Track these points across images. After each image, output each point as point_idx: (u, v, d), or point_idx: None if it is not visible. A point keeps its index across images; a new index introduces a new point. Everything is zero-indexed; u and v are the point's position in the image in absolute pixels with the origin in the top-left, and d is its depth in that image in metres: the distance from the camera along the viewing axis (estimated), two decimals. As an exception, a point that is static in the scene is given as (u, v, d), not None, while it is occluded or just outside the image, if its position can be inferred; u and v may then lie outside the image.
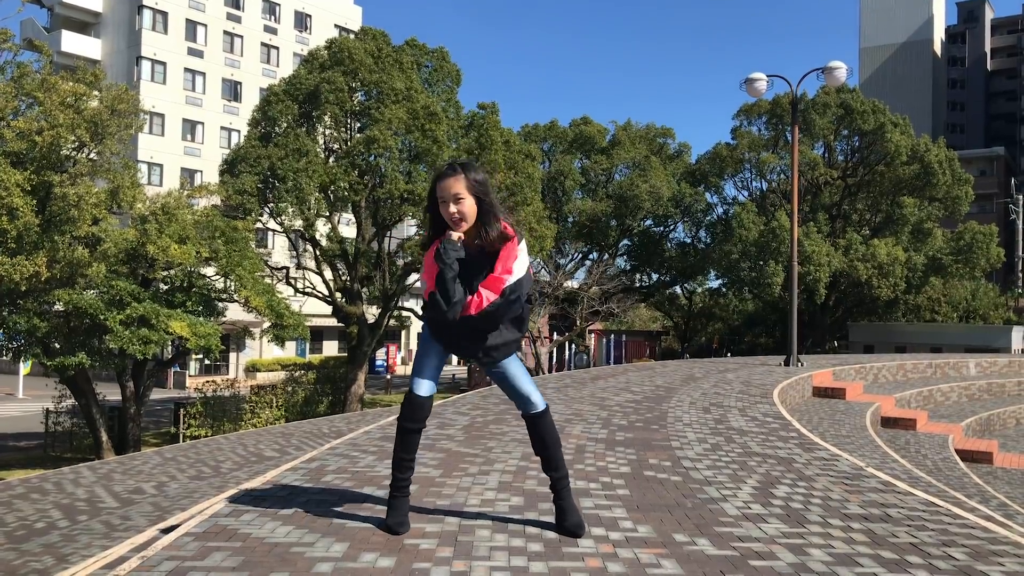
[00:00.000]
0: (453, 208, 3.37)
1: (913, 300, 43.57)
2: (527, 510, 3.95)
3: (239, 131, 45.97)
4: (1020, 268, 58.43)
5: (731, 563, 3.20)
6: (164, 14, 48.06)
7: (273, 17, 53.49)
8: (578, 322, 40.00)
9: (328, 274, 30.60)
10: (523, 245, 3.44)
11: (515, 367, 3.60)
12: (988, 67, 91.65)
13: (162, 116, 47.09)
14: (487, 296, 3.34)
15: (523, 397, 3.60)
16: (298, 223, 29.00)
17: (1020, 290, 54.37)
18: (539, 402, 3.61)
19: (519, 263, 3.39)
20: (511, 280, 3.35)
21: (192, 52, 49.08)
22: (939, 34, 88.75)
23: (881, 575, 3.11)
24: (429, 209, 3.54)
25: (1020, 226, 60.37)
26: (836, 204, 41.86)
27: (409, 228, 38.89)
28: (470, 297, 3.36)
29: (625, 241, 45.35)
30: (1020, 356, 27.30)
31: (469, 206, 3.37)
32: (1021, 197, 60.91)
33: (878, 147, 39.69)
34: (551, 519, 3.78)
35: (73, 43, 48.04)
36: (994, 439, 14.12)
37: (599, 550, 3.33)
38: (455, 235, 3.38)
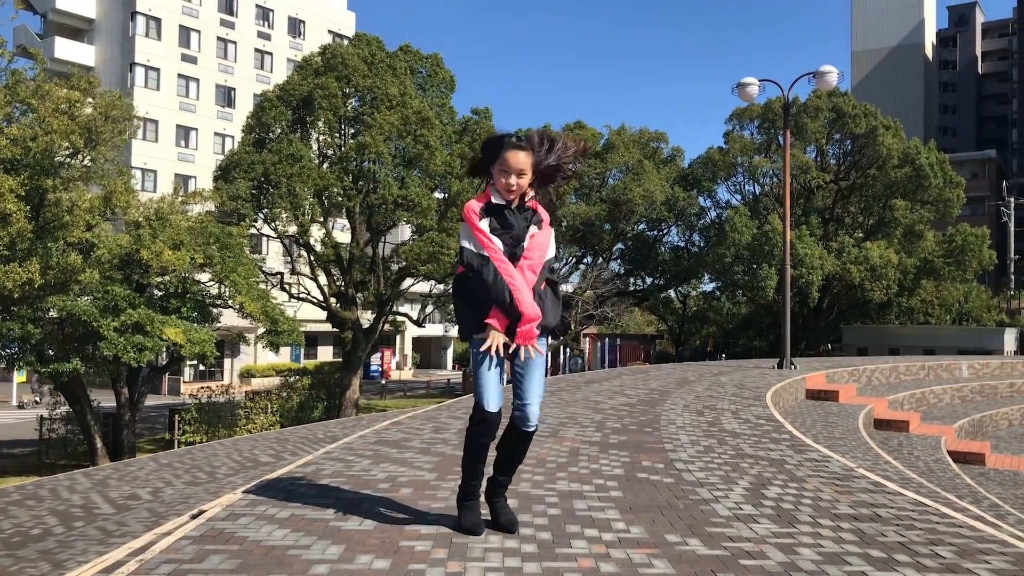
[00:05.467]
0: (514, 181, 3.47)
1: (906, 302, 43.72)
2: (520, 512, 3.99)
3: (233, 137, 45.94)
4: (1012, 270, 58.67)
5: (722, 562, 3.25)
6: (157, 20, 48.06)
7: (267, 23, 53.53)
8: (572, 326, 40.04)
9: (323, 279, 30.62)
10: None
11: (541, 359, 3.61)
12: (979, 70, 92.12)
13: (156, 122, 47.05)
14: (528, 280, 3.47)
15: (524, 400, 3.57)
16: (292, 229, 29.04)
17: (1012, 292, 54.57)
18: (534, 417, 3.58)
19: (551, 241, 3.60)
20: (550, 255, 3.55)
21: (186, 58, 49.08)
22: (930, 38, 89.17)
23: (869, 573, 3.16)
24: (480, 158, 3.63)
25: (1012, 228, 60.63)
26: (829, 207, 42.01)
27: (403, 233, 38.89)
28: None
29: (619, 245, 45.44)
30: (1013, 358, 27.42)
31: (526, 181, 3.51)
32: (1012, 200, 61.20)
33: (870, 150, 39.85)
34: (544, 520, 3.83)
35: (66, 50, 47.98)
36: (987, 440, 14.19)
37: (592, 550, 3.38)
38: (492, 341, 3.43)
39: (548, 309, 3.52)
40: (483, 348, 3.42)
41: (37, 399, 23.73)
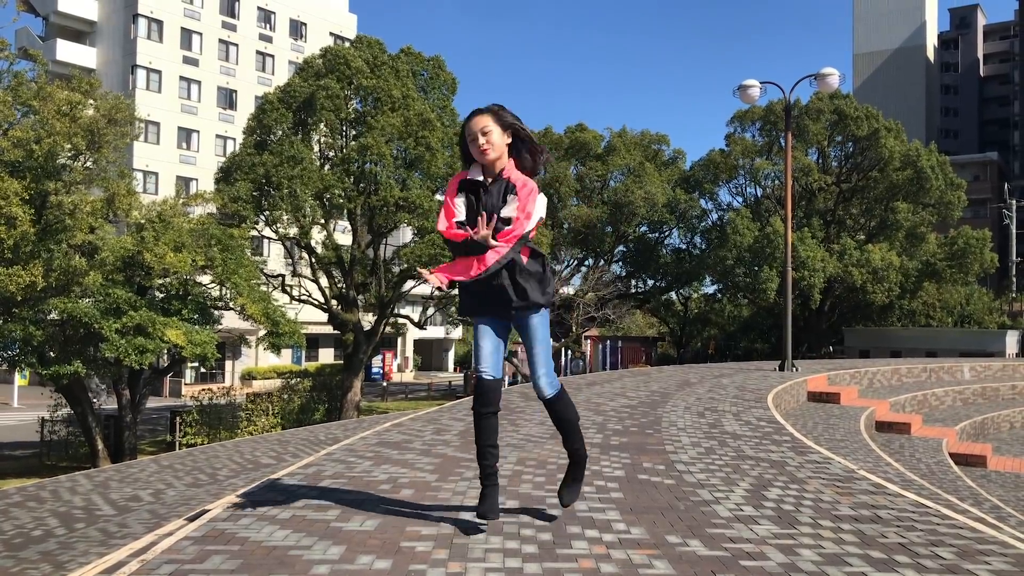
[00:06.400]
0: (481, 140, 3.56)
1: (908, 305, 43.71)
2: (521, 513, 4.00)
3: (234, 139, 45.99)
4: (1014, 273, 58.59)
5: (722, 563, 3.25)
6: (159, 23, 48.13)
7: (268, 25, 53.60)
8: (574, 328, 40.04)
9: (324, 281, 30.63)
10: (542, 197, 3.64)
11: (540, 330, 3.67)
12: (981, 72, 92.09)
13: (157, 124, 47.11)
14: (494, 254, 3.51)
15: (534, 373, 3.69)
16: (293, 231, 29.05)
17: (1014, 295, 54.52)
18: (546, 386, 3.70)
19: (535, 208, 3.59)
20: (527, 227, 3.56)
21: (187, 60, 49.15)
22: (932, 40, 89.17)
23: (870, 574, 3.16)
24: (462, 154, 3.76)
25: (1013, 231, 60.58)
26: (830, 210, 42.01)
27: (405, 235, 38.92)
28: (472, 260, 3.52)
29: (620, 247, 45.43)
30: (1014, 360, 27.39)
31: (497, 136, 3.57)
32: (1014, 202, 61.15)
33: (872, 153, 39.86)
34: (545, 522, 3.83)
35: (68, 52, 48.04)
36: (988, 443, 14.18)
37: (592, 551, 3.38)
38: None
39: (534, 285, 3.64)
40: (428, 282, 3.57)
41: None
